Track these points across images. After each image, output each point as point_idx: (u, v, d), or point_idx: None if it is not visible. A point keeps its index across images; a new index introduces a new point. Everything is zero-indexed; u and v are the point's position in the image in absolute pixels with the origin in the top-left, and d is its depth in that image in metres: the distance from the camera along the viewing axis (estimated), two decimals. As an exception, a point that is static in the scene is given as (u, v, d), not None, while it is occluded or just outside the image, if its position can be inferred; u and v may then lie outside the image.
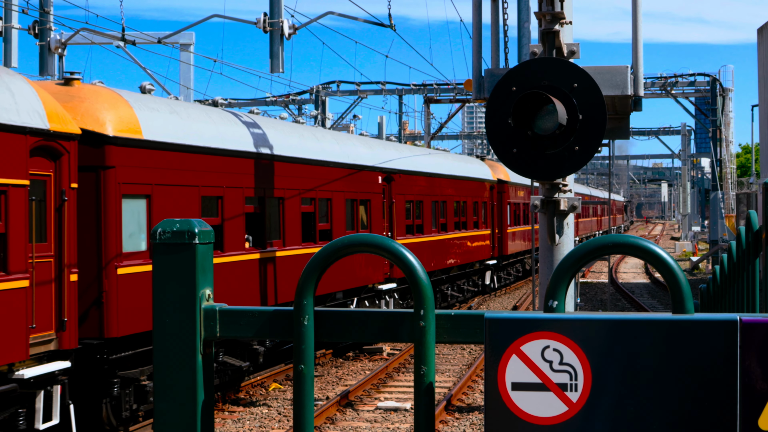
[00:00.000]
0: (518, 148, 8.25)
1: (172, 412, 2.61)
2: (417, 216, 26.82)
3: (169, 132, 15.25)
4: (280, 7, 19.68)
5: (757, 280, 5.55)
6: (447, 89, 47.13)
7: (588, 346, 2.27)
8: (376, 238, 2.55)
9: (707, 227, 63.88)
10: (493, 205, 35.46)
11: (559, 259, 10.17)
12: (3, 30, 23.25)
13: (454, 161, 31.76)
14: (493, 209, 35.54)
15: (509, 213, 37.48)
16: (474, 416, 16.01)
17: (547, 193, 9.97)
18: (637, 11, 10.22)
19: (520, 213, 40.22)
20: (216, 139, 16.60)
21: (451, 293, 31.47)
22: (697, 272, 47.20)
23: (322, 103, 46.64)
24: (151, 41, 26.03)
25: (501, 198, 36.44)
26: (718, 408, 2.21)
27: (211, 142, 16.38)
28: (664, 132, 69.56)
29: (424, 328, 2.48)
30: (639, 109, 10.17)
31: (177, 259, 2.60)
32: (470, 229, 32.11)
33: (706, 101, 49.12)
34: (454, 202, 30.41)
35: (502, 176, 36.80)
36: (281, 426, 15.42)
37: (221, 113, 17.81)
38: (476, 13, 10.42)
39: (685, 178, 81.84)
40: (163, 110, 15.61)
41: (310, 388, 2.56)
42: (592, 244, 2.38)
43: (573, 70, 8.21)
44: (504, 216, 36.68)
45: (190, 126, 16.05)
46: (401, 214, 25.45)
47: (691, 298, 2.34)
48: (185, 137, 15.62)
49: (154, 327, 2.62)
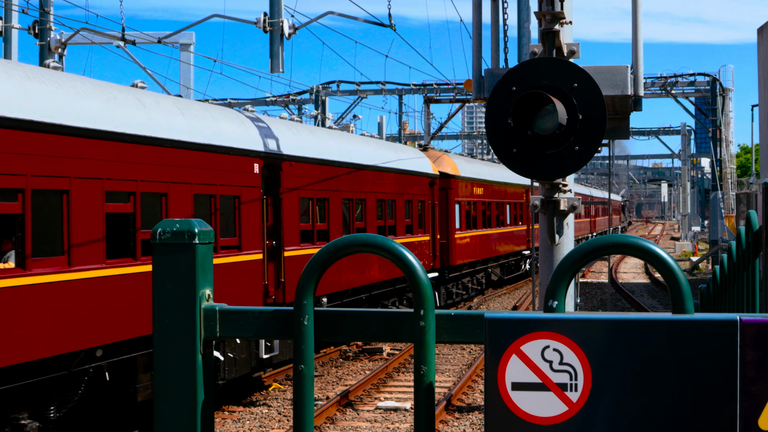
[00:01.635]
0: (518, 148, 8.25)
1: (172, 412, 2.61)
2: (320, 218, 20.41)
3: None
4: (280, 7, 19.67)
5: (757, 280, 5.55)
6: (447, 89, 47.12)
7: (588, 346, 2.27)
8: (377, 238, 2.55)
9: (707, 227, 63.87)
10: (434, 204, 28.80)
11: (559, 259, 10.17)
12: (3, 30, 23.25)
13: (378, 148, 25.22)
14: (434, 210, 28.91)
15: (459, 214, 31.33)
16: (474, 416, 16.00)
17: (547, 193, 9.97)
18: (637, 11, 10.22)
19: (477, 214, 33.79)
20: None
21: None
22: (697, 272, 47.20)
23: (322, 103, 46.61)
24: (151, 41, 26.02)
25: (446, 196, 30.47)
26: (718, 408, 2.21)
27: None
28: (664, 132, 69.58)
29: (424, 328, 2.48)
30: (639, 109, 10.17)
31: (177, 259, 2.60)
32: (401, 234, 25.57)
33: (706, 101, 49.10)
34: (377, 201, 23.88)
35: (449, 169, 30.99)
36: (281, 426, 15.42)
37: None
38: (476, 12, 10.42)
39: (685, 178, 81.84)
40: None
41: (310, 388, 2.56)
42: (592, 244, 2.38)
43: (573, 70, 8.21)
44: (451, 218, 30.60)
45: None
46: (293, 216, 18.93)
47: (691, 298, 2.34)
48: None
49: (154, 327, 2.62)
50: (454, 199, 30.85)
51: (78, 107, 12.84)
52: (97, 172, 12.95)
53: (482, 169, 36.07)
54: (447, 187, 30.46)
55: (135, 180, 13.71)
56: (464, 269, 32.62)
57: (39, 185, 11.91)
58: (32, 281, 11.67)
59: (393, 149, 26.74)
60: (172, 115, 15.17)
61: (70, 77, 13.63)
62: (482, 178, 34.89)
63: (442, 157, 31.37)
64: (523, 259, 42.82)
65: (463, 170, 32.37)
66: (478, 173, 34.58)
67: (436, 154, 31.51)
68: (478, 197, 34.07)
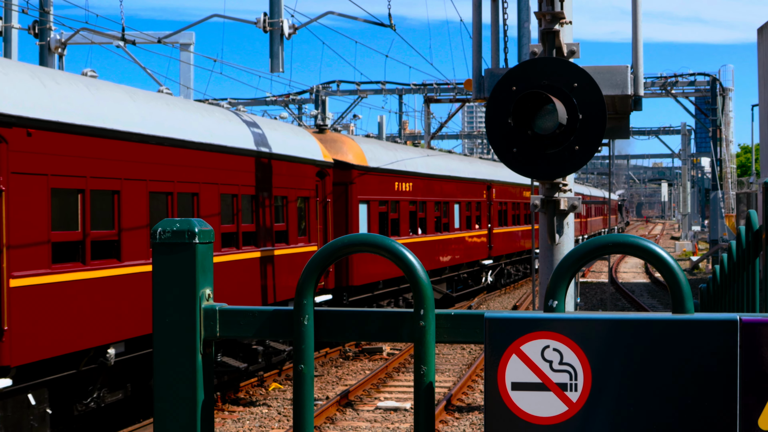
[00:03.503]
0: (518, 148, 8.25)
1: (172, 412, 2.61)
2: (103, 223, 13.32)
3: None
4: (280, 7, 19.68)
5: (757, 280, 5.55)
6: (447, 89, 47.14)
7: (588, 346, 2.27)
8: (377, 237, 2.55)
9: (707, 227, 63.88)
10: (327, 203, 21.47)
11: (559, 259, 10.17)
12: (3, 30, 23.26)
13: (226, 122, 17.47)
14: (327, 211, 21.59)
15: (367, 218, 23.85)
16: (474, 416, 16.01)
17: (547, 193, 9.98)
18: (637, 11, 10.22)
19: (401, 217, 26.06)
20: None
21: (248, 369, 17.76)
22: (697, 272, 47.20)
23: (322, 102, 46.56)
24: (151, 41, 26.04)
25: (346, 193, 22.92)
26: (718, 408, 2.21)
27: None
28: (664, 132, 69.61)
29: (424, 327, 2.48)
30: (639, 109, 10.17)
31: (177, 258, 2.60)
32: (266, 244, 18.15)
33: (706, 101, 49.11)
34: (220, 195, 16.56)
35: (351, 157, 23.32)
36: (281, 426, 15.42)
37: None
38: (476, 12, 10.42)
39: (685, 178, 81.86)
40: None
41: (310, 387, 2.56)
42: (592, 243, 2.38)
43: (573, 69, 8.21)
44: (353, 222, 23.10)
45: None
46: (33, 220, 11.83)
47: (691, 297, 2.34)
48: None
49: (154, 327, 2.62)
50: (356, 197, 23.03)
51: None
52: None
53: (412, 159, 27.69)
54: (346, 181, 22.74)
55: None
56: (377, 289, 24.54)
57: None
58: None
59: (254, 125, 18.70)
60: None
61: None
62: (409, 170, 26.67)
63: (342, 141, 23.63)
64: (484, 270, 35.57)
65: (376, 159, 24.47)
66: (403, 164, 26.52)
67: (334, 137, 23.83)
68: (403, 195, 26.11)
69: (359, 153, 23.73)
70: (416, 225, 27.33)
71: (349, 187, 23.01)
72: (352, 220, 22.98)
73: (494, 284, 37.67)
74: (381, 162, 24.77)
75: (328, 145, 22.95)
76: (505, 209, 37.94)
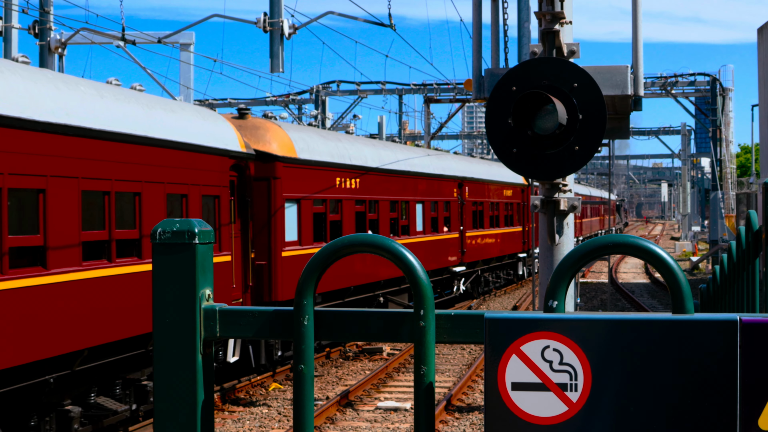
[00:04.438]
0: (518, 148, 8.25)
1: (172, 412, 2.61)
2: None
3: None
4: (280, 7, 19.69)
5: (757, 280, 5.55)
6: (447, 89, 47.15)
7: (588, 346, 2.27)
8: (377, 237, 2.55)
9: (707, 227, 63.88)
10: (248, 201, 18.10)
11: (559, 259, 10.17)
12: (3, 30, 23.27)
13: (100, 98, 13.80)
14: (245, 212, 18.02)
15: (298, 220, 19.64)
16: (474, 416, 16.01)
17: (547, 193, 9.97)
18: (637, 11, 10.22)
19: (345, 218, 21.93)
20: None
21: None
22: (697, 272, 47.21)
23: (322, 102, 46.65)
24: (151, 41, 26.04)
25: (269, 190, 18.81)
26: (718, 408, 2.21)
27: None
28: (664, 132, 69.60)
29: (424, 328, 2.48)
30: (639, 109, 10.17)
31: (177, 259, 2.60)
32: (146, 258, 14.21)
33: (706, 101, 49.13)
34: (81, 194, 12.90)
35: (276, 147, 19.13)
36: (281, 426, 15.43)
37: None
38: (476, 12, 10.42)
39: (685, 178, 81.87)
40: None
41: (310, 388, 2.56)
42: (592, 244, 2.38)
43: (573, 69, 8.21)
44: (277, 226, 18.76)
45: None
46: None
47: (691, 298, 2.34)
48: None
49: (154, 327, 2.62)
50: (282, 194, 18.92)
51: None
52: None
53: (360, 152, 23.63)
54: (269, 176, 18.77)
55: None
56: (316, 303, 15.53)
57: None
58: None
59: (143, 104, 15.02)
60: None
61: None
62: (355, 164, 22.56)
63: (266, 128, 19.52)
64: (455, 277, 31.40)
65: (309, 149, 20.39)
66: (347, 156, 22.44)
67: (256, 123, 19.69)
68: (348, 193, 22.11)
69: (286, 142, 19.59)
70: (365, 227, 23.16)
71: (273, 183, 18.83)
72: (276, 223, 18.69)
73: (470, 293, 34.13)
74: (317, 153, 20.79)
75: (249, 133, 19.00)
76: (481, 209, 33.76)
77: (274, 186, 18.86)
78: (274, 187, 18.86)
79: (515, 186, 38.87)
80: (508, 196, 37.43)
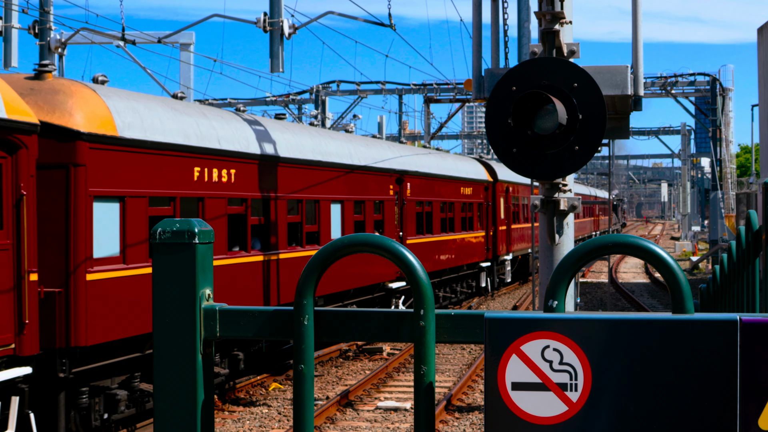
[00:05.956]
0: (518, 148, 8.25)
1: (172, 412, 2.61)
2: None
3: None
4: (280, 7, 19.68)
5: (757, 280, 5.55)
6: (447, 89, 47.14)
7: (588, 346, 2.27)
8: (377, 238, 2.55)
9: (707, 227, 63.88)
10: (20, 199, 11.44)
11: (559, 259, 10.17)
12: (3, 30, 23.26)
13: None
14: (18, 213, 11.33)
15: (116, 225, 13.47)
16: (474, 416, 16.01)
17: (547, 193, 9.98)
18: (637, 11, 10.23)
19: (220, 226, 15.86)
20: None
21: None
22: (697, 272, 47.21)
23: (322, 102, 46.64)
24: (151, 41, 26.04)
25: (68, 183, 12.64)
26: (718, 408, 2.21)
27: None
28: (664, 132, 69.56)
29: (424, 327, 2.48)
30: (639, 109, 10.18)
31: (177, 259, 2.60)
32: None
33: (706, 101, 49.12)
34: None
35: (79, 119, 12.73)
36: (281, 426, 15.42)
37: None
38: (476, 12, 10.43)
39: (685, 178, 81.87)
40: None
41: (310, 387, 2.56)
42: (592, 244, 2.38)
43: (573, 69, 8.21)
44: (77, 237, 12.63)
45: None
46: None
47: (691, 298, 2.34)
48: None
49: (154, 326, 2.62)
50: (88, 189, 12.77)
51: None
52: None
53: (238, 131, 17.09)
54: (67, 162, 12.65)
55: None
56: (117, 355, 13.54)
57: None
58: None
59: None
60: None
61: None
62: (227, 149, 16.26)
63: (68, 93, 13.04)
64: (392, 294, 24.81)
65: (142, 125, 14.10)
66: (215, 139, 16.09)
67: (55, 85, 13.11)
68: (214, 189, 15.79)
69: (100, 113, 13.22)
70: (246, 235, 16.92)
71: (73, 172, 12.65)
72: (77, 232, 12.64)
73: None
74: (159, 132, 14.46)
75: (44, 99, 12.85)
76: (429, 211, 27.28)
77: (75, 176, 12.67)
78: (74, 178, 12.66)
79: (477, 183, 32.28)
80: (466, 194, 31.19)
